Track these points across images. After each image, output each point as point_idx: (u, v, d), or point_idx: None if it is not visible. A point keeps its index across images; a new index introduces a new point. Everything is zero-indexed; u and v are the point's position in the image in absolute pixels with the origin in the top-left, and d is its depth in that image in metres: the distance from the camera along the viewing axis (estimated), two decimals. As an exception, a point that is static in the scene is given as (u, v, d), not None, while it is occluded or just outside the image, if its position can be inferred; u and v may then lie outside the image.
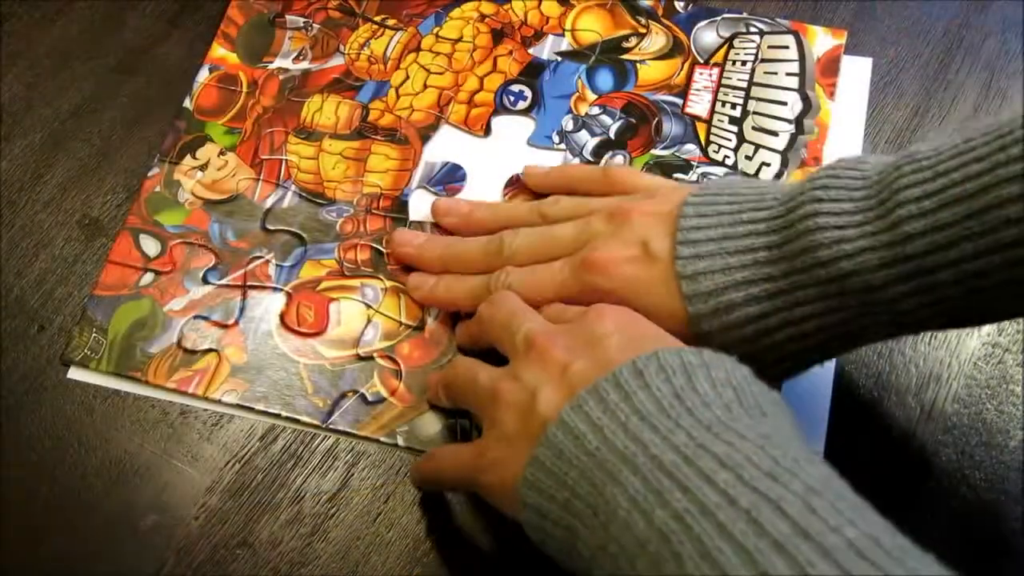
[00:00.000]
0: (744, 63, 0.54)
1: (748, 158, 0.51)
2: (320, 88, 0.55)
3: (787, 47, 0.55)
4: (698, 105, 0.53)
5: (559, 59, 0.56)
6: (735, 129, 0.52)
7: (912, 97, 0.54)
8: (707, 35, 0.56)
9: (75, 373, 0.47)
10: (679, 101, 0.53)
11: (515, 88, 0.55)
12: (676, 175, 0.51)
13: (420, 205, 0.51)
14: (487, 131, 0.53)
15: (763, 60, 0.54)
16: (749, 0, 0.57)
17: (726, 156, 0.52)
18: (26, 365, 0.47)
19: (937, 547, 0.27)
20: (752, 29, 0.55)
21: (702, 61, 0.55)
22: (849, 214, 0.35)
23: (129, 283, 0.49)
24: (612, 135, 0.53)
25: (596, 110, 0.53)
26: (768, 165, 0.51)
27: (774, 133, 0.52)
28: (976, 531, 0.43)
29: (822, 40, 0.55)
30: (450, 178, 0.52)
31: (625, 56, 0.55)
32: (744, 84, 0.54)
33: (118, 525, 0.43)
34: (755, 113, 0.53)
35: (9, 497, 0.44)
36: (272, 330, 0.47)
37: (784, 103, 0.53)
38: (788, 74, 0.54)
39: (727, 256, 0.38)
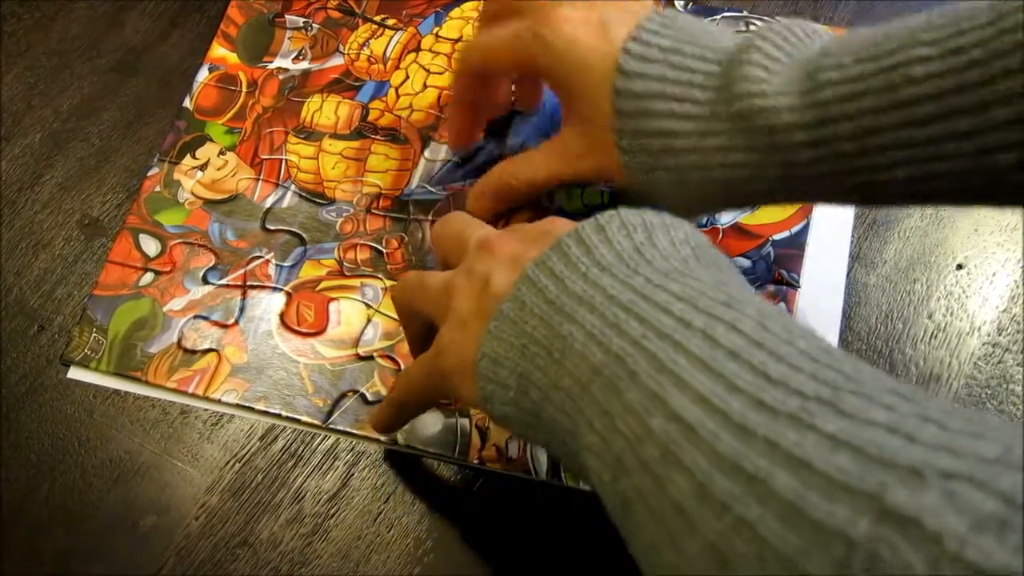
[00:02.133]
0: (744, 62, 0.54)
1: (748, 157, 0.51)
2: (320, 88, 0.55)
3: (787, 46, 0.55)
4: (698, 104, 0.53)
5: (559, 59, 0.55)
6: (735, 128, 0.52)
7: (912, 96, 0.54)
8: (707, 34, 0.56)
9: (75, 373, 0.47)
10: (679, 100, 0.53)
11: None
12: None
13: (419, 205, 0.51)
14: (487, 130, 0.53)
15: (763, 59, 0.54)
16: (749, -1, 0.57)
17: (726, 155, 0.51)
18: (26, 365, 0.47)
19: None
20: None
21: (702, 60, 0.55)
22: (775, 60, 0.37)
23: (129, 283, 0.49)
24: (612, 134, 0.52)
25: (596, 109, 0.53)
26: (768, 164, 0.51)
27: (774, 132, 0.52)
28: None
29: (822, 39, 0.55)
30: (450, 178, 0.52)
31: (625, 55, 0.55)
32: (744, 83, 0.54)
33: (118, 525, 0.43)
34: (755, 112, 0.53)
35: (9, 497, 0.44)
36: (272, 330, 0.48)
37: (784, 102, 0.53)
38: (788, 73, 0.54)
39: (666, 68, 0.39)
